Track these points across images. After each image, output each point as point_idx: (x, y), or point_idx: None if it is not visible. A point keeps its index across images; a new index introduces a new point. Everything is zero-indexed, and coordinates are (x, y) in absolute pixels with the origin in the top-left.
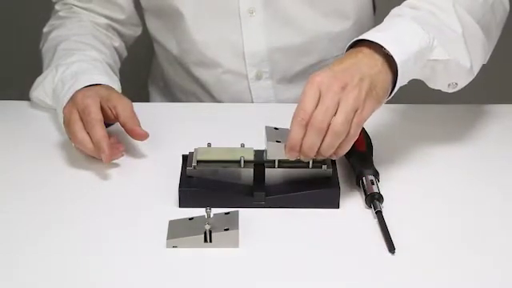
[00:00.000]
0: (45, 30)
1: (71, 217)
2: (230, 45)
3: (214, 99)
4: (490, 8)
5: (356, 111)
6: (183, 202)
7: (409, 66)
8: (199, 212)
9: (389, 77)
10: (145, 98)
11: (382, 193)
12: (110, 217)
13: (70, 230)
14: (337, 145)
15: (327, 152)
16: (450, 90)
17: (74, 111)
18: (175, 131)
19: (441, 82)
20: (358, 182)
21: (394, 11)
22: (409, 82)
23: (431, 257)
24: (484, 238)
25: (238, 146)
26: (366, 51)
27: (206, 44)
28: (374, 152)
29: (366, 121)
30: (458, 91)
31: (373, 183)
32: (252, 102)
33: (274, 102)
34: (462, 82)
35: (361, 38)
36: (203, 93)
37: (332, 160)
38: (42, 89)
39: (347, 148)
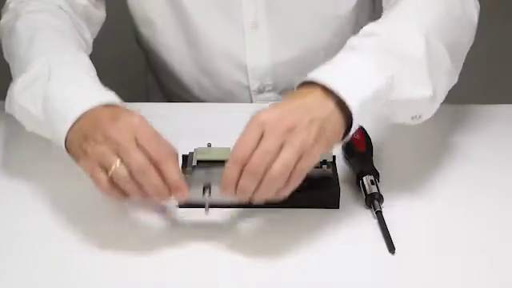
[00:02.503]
0: (4, 19)
1: (71, 216)
2: (232, 57)
3: None
4: (459, 24)
5: (301, 157)
6: (183, 202)
7: (366, 110)
8: (200, 210)
9: (341, 121)
10: (144, 97)
11: (381, 193)
12: (109, 217)
13: (69, 230)
14: (273, 191)
15: (262, 197)
16: (414, 123)
17: (126, 133)
18: (175, 131)
19: (403, 117)
20: (358, 182)
21: (352, 42)
22: None
23: (431, 257)
24: (484, 238)
25: None
26: (317, 93)
27: (208, 54)
28: (374, 152)
29: (310, 168)
30: (458, 91)
31: (373, 183)
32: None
33: None
34: (426, 113)
35: (313, 78)
36: (201, 102)
37: (332, 160)
38: (31, 95)
39: (285, 194)
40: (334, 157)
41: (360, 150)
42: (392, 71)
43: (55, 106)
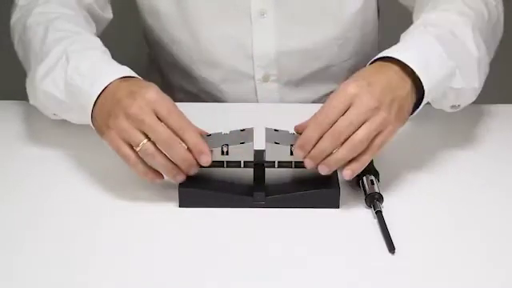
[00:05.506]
0: (15, 18)
1: (71, 217)
2: (238, 45)
3: (217, 99)
4: (493, 28)
5: (380, 132)
6: (183, 202)
7: (432, 91)
8: (200, 209)
9: (413, 100)
10: None
11: (381, 193)
12: (109, 217)
13: (69, 229)
14: (348, 159)
15: (337, 162)
16: (451, 111)
17: (146, 108)
18: None
19: (446, 104)
20: (358, 182)
21: (418, 26)
22: None
23: (431, 257)
24: (484, 238)
25: None
26: (395, 68)
27: (214, 43)
28: None
29: (387, 142)
30: None
31: (373, 183)
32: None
33: None
34: (466, 103)
35: (391, 55)
36: (206, 93)
37: None
38: (52, 81)
39: (362, 166)
40: None
41: None
42: (456, 60)
43: (77, 84)
